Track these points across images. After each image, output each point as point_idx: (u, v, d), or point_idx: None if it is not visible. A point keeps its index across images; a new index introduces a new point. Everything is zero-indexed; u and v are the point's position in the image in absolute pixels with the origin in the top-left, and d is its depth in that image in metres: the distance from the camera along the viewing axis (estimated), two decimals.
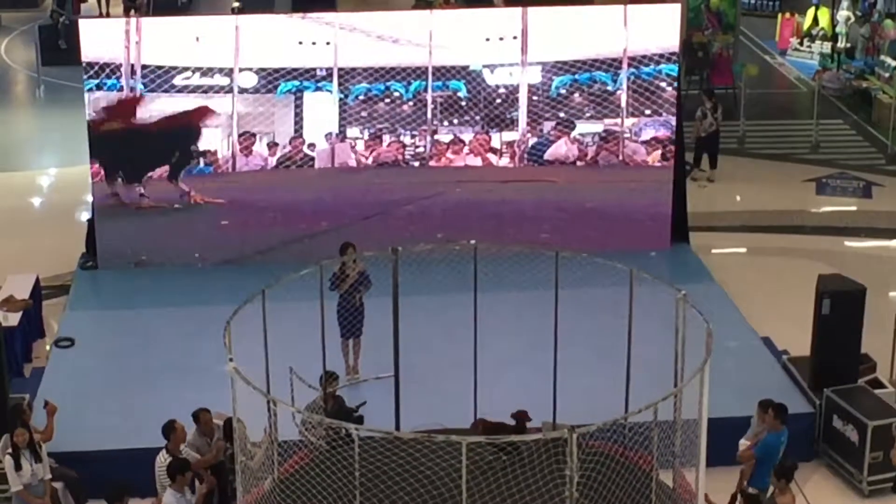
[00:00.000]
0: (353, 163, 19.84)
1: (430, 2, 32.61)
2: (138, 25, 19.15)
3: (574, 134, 19.97)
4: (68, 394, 15.96)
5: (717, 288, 18.88)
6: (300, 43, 19.34)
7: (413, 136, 19.89)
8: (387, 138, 19.86)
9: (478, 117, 19.79)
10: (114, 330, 17.87)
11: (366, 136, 19.75)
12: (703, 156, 24.25)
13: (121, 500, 12.65)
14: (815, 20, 33.03)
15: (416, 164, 19.94)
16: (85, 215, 21.17)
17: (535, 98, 19.80)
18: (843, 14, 33.14)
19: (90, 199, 19.96)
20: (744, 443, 13.95)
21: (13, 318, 17.22)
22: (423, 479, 11.53)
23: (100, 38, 19.06)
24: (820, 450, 15.51)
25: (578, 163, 20.03)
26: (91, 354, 17.11)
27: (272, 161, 19.66)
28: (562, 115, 19.86)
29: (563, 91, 19.78)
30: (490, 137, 19.93)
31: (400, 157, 19.90)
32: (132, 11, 34.08)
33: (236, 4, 31.78)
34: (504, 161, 20.08)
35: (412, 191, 19.94)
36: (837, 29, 32.85)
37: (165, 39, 19.18)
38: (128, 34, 18.98)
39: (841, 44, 32.45)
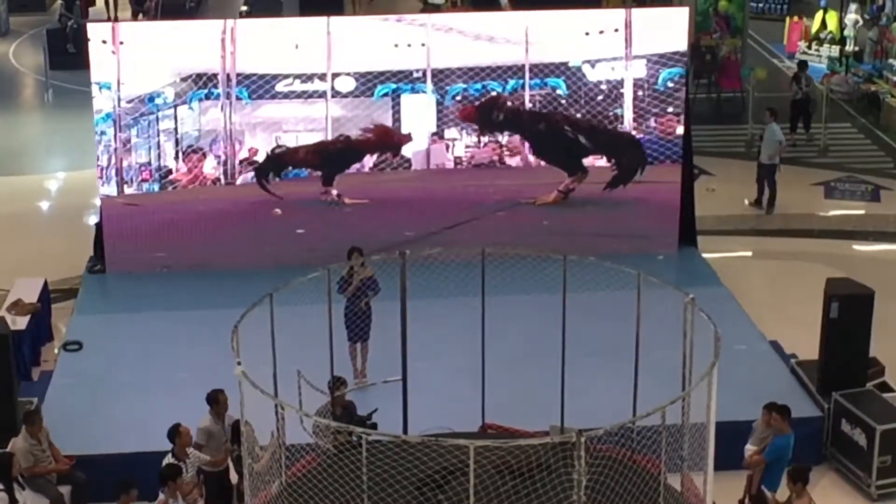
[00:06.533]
0: (449, 164, 19.84)
1: (437, 5, 32.70)
2: (233, 33, 19.12)
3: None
4: (76, 397, 16.03)
5: (724, 291, 18.86)
6: (396, 45, 19.36)
7: (510, 136, 19.88)
8: (484, 138, 19.85)
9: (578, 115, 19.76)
10: (122, 333, 17.88)
11: (463, 137, 19.76)
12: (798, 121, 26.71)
13: (127, 492, 12.76)
14: (824, 24, 33.04)
15: (514, 164, 19.93)
16: (93, 219, 21.19)
17: (640, 93, 19.70)
18: (851, 17, 33.15)
19: (98, 202, 19.97)
20: (750, 448, 13.94)
21: (21, 322, 17.27)
22: (431, 483, 11.54)
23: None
24: (828, 453, 15.50)
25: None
26: (99, 358, 17.13)
27: (368, 163, 19.73)
28: (670, 109, 19.78)
29: (670, 84, 19.73)
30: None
31: (496, 157, 19.89)
32: (140, 15, 34.22)
33: (244, 8, 31.86)
34: (602, 161, 20.06)
35: (509, 193, 19.92)
36: (846, 32, 32.85)
37: (264, 46, 19.17)
38: (223, 42, 19.03)
39: (849, 47, 32.44)
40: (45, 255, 20.70)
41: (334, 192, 19.71)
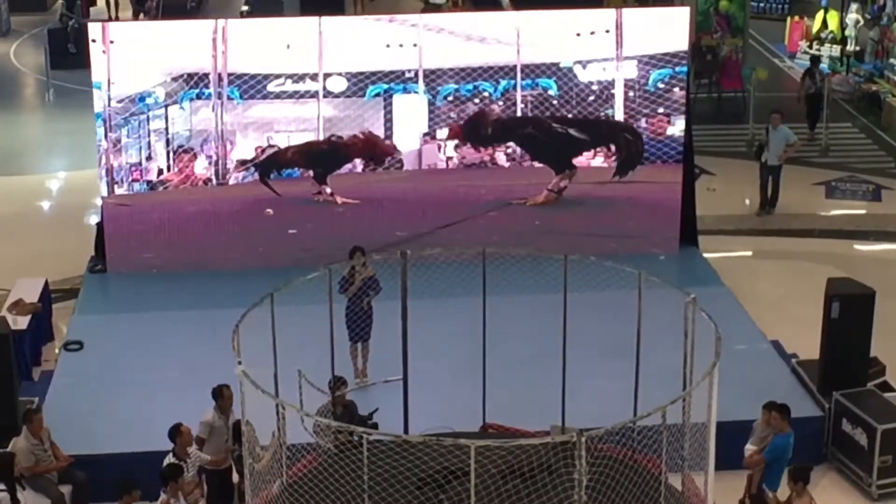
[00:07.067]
0: (441, 164, 19.85)
1: (438, 5, 32.70)
2: (224, 33, 19.08)
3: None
4: (77, 397, 16.03)
5: (725, 291, 18.86)
6: (387, 46, 19.36)
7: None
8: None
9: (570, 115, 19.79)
10: (122, 333, 17.88)
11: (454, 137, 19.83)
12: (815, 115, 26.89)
13: (129, 493, 12.76)
14: (825, 23, 33.01)
15: (507, 164, 19.97)
16: (94, 219, 21.19)
17: (630, 94, 19.71)
18: (852, 17, 33.12)
19: (99, 202, 19.97)
20: (750, 448, 13.94)
21: (22, 322, 17.26)
22: (431, 483, 11.55)
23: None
24: (829, 453, 15.49)
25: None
26: (99, 358, 17.13)
27: (359, 164, 19.76)
28: (660, 110, 19.79)
29: (661, 85, 19.74)
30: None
31: (488, 158, 19.91)
32: (141, 15, 34.23)
33: (245, 8, 31.85)
34: (597, 161, 20.07)
35: (501, 193, 19.93)
36: (847, 32, 32.83)
37: (256, 46, 19.17)
38: (214, 42, 19.00)
39: (850, 47, 32.42)
40: (46, 254, 20.70)
41: (328, 189, 19.71)
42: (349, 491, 11.18)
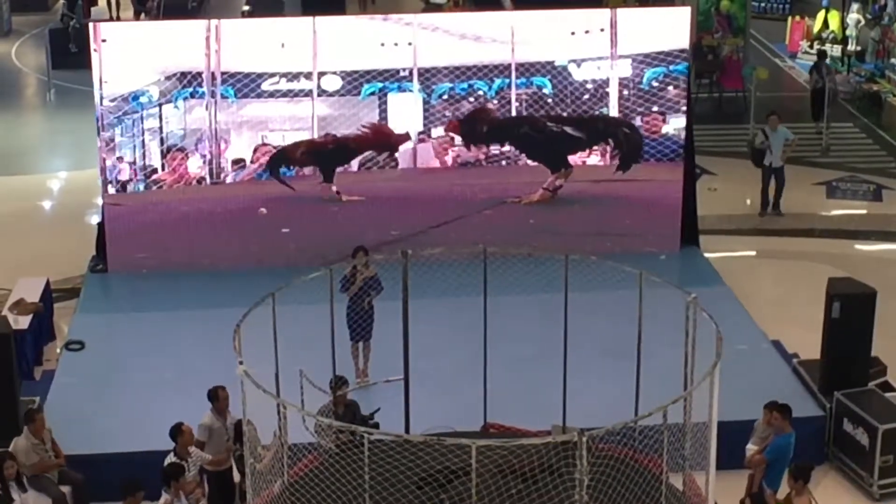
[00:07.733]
0: (436, 163, 19.85)
1: (439, 5, 32.71)
2: (218, 32, 19.08)
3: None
4: (78, 396, 16.03)
5: (727, 291, 18.86)
6: (382, 45, 19.37)
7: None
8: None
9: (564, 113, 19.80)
10: (123, 333, 17.89)
11: (448, 136, 19.82)
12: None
13: (133, 494, 12.74)
14: (826, 23, 33.02)
15: (502, 163, 19.97)
16: (95, 218, 21.19)
17: (625, 92, 19.73)
18: (853, 17, 33.14)
19: (100, 202, 19.97)
20: (751, 448, 13.94)
21: (24, 322, 17.26)
22: (433, 483, 11.55)
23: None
24: (830, 453, 15.49)
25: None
26: (101, 357, 17.13)
27: (354, 163, 19.76)
28: (654, 108, 19.82)
29: (655, 84, 19.75)
30: None
31: (483, 156, 19.91)
32: (142, 15, 34.23)
33: (246, 8, 31.84)
34: (594, 159, 20.07)
35: (496, 192, 19.94)
36: (848, 32, 32.83)
37: (251, 44, 19.20)
38: (207, 41, 19.00)
39: (851, 47, 32.43)
40: (47, 254, 20.69)
41: (334, 188, 19.72)
42: (350, 490, 11.18)
